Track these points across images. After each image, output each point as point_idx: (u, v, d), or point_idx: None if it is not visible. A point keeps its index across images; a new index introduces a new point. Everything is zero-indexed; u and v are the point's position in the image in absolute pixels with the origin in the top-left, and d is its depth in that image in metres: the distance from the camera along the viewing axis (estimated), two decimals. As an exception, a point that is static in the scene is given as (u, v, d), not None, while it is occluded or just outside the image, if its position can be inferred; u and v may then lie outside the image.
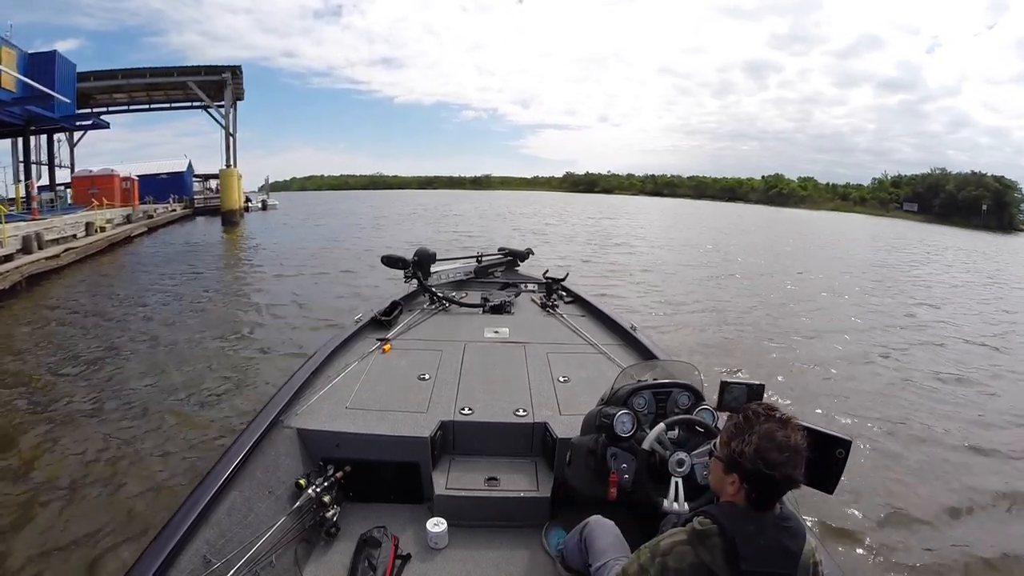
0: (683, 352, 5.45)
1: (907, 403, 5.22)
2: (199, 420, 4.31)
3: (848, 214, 67.72)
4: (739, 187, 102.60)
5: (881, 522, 3.25)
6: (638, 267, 13.60)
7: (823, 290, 11.49)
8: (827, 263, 17.00)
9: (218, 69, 26.90)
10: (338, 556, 1.92)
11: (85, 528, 2.92)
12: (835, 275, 13.91)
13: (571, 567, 1.81)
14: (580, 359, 3.06)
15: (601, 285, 9.73)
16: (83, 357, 5.94)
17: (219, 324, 7.49)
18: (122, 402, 4.66)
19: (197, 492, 1.72)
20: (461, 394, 2.55)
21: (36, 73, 16.30)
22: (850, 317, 8.96)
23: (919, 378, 6.02)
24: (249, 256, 15.67)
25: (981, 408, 5.23)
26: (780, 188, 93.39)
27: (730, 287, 11.39)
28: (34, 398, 4.78)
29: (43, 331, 7.13)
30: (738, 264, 15.20)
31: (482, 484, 2.15)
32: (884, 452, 4.13)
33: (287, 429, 2.21)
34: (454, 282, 4.83)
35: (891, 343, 7.48)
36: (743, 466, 1.14)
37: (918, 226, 50.35)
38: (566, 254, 14.98)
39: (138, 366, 5.64)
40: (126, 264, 13.66)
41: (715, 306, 9.31)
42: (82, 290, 10.05)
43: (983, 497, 3.60)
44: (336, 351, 3.02)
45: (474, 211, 38.78)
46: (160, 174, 33.58)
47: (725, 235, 25.57)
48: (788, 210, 70.68)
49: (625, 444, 1.74)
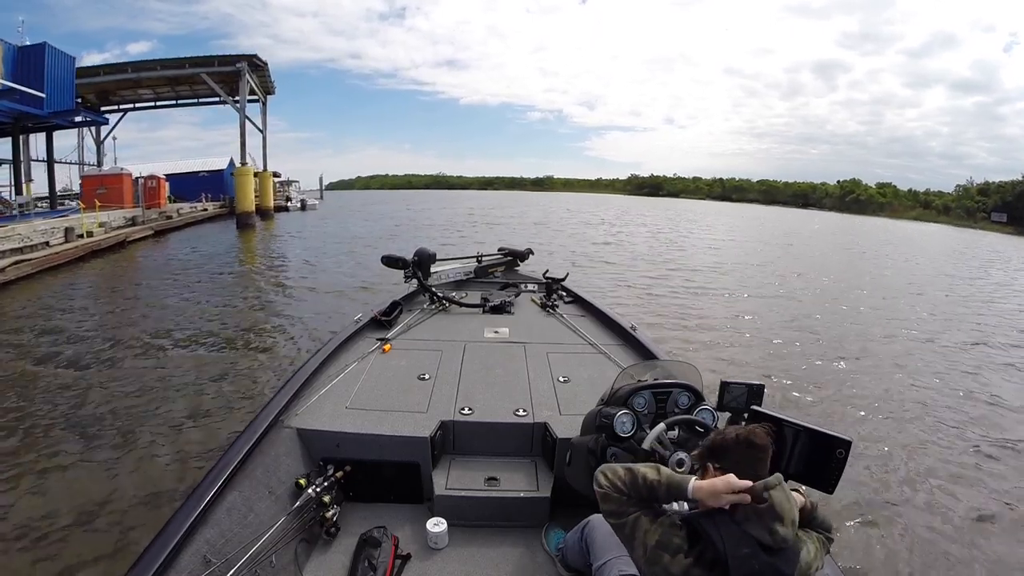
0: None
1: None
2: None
3: (931, 224, 61.56)
4: (812, 192, 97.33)
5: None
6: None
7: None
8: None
9: (232, 59, 24.46)
10: (338, 556, 1.92)
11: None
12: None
13: (571, 567, 1.81)
14: (580, 359, 3.06)
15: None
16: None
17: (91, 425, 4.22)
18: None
19: (197, 492, 1.72)
20: (461, 394, 2.55)
21: (24, 68, 15.45)
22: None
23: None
24: (226, 275, 11.63)
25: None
26: (857, 194, 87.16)
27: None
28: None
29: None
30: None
31: (482, 484, 2.15)
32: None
33: (287, 429, 2.21)
34: (454, 282, 4.83)
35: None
36: (728, 449, 1.18)
37: (1011, 240, 42.06)
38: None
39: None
40: (74, 283, 10.43)
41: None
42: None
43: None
44: (336, 351, 3.02)
45: (525, 215, 34.73)
46: (199, 172, 32.04)
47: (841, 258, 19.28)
48: (868, 219, 64.16)
49: (625, 444, 1.74)
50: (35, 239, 12.18)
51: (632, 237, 22.46)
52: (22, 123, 17.57)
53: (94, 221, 15.53)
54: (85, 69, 22.17)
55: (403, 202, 55.02)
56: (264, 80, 27.65)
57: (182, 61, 24.36)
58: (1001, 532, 3.26)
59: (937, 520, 3.34)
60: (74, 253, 12.57)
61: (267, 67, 26.50)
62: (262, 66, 25.92)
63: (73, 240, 13.34)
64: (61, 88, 17.17)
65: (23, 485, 3.34)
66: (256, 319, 7.83)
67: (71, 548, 2.80)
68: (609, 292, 9.84)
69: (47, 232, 12.83)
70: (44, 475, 3.46)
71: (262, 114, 29.11)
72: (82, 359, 5.76)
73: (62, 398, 4.70)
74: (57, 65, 16.91)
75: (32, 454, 3.73)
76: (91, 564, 2.69)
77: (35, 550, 2.79)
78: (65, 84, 17.50)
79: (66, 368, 5.50)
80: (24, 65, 15.63)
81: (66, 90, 17.60)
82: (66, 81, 17.59)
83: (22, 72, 15.44)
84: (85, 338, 6.58)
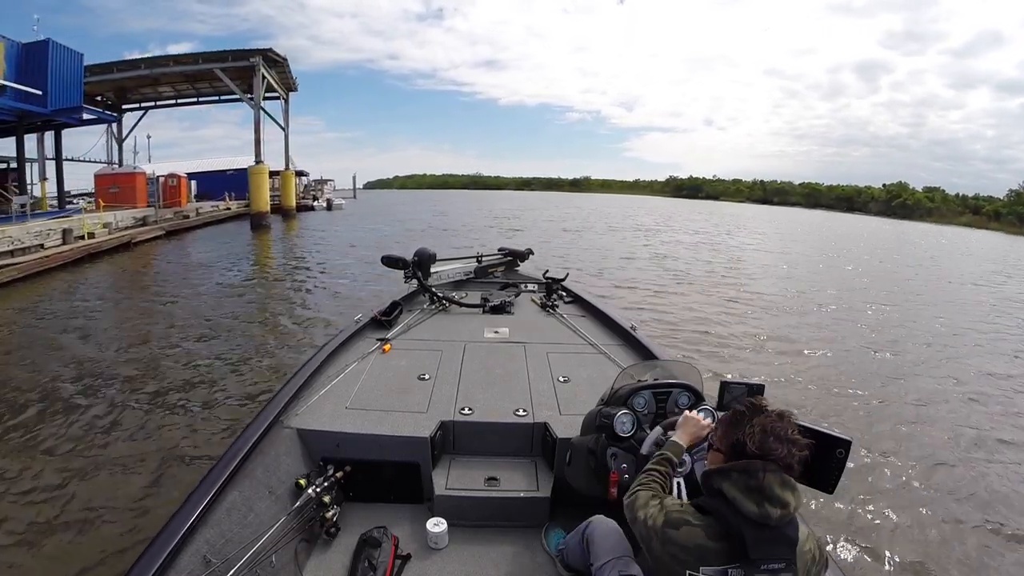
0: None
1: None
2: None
3: (981, 231, 58.02)
4: (857, 196, 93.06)
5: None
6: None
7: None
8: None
9: (246, 54, 23.33)
10: (338, 556, 1.92)
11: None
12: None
13: (571, 567, 1.81)
14: (580, 359, 3.06)
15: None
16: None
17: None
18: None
19: (197, 492, 1.72)
20: (461, 394, 2.55)
21: (28, 66, 15.10)
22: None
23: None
24: (225, 283, 10.70)
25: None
26: (904, 198, 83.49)
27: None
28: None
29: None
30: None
31: (482, 484, 2.15)
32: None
33: (287, 429, 2.21)
34: (454, 282, 4.83)
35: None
36: (745, 457, 1.19)
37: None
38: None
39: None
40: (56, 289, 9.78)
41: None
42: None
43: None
44: (336, 351, 3.02)
45: (558, 218, 32.26)
46: (226, 171, 31.13)
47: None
48: (916, 225, 60.66)
49: (625, 444, 1.74)
50: (27, 241, 11.61)
51: (687, 251, 18.41)
52: (26, 121, 17.12)
53: (97, 221, 15.03)
54: (98, 66, 21.87)
55: (432, 203, 52.51)
56: (284, 77, 26.69)
57: (195, 56, 23.60)
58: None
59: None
60: (69, 256, 11.94)
61: (286, 63, 25.50)
62: (280, 61, 24.90)
63: (71, 242, 12.82)
64: (67, 85, 16.70)
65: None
66: (222, 345, 6.49)
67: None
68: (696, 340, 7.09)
69: (42, 234, 12.24)
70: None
71: (283, 111, 28.49)
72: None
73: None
74: (61, 62, 16.46)
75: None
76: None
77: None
78: (70, 81, 17.00)
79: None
80: (28, 62, 15.31)
81: (72, 87, 17.10)
82: (72, 78, 17.10)
83: (26, 69, 15.13)
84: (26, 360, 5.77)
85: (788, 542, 1.16)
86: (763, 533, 1.14)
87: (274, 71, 25.12)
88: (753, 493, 1.14)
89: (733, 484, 1.17)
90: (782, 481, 1.15)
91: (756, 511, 1.13)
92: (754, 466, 1.16)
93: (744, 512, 1.14)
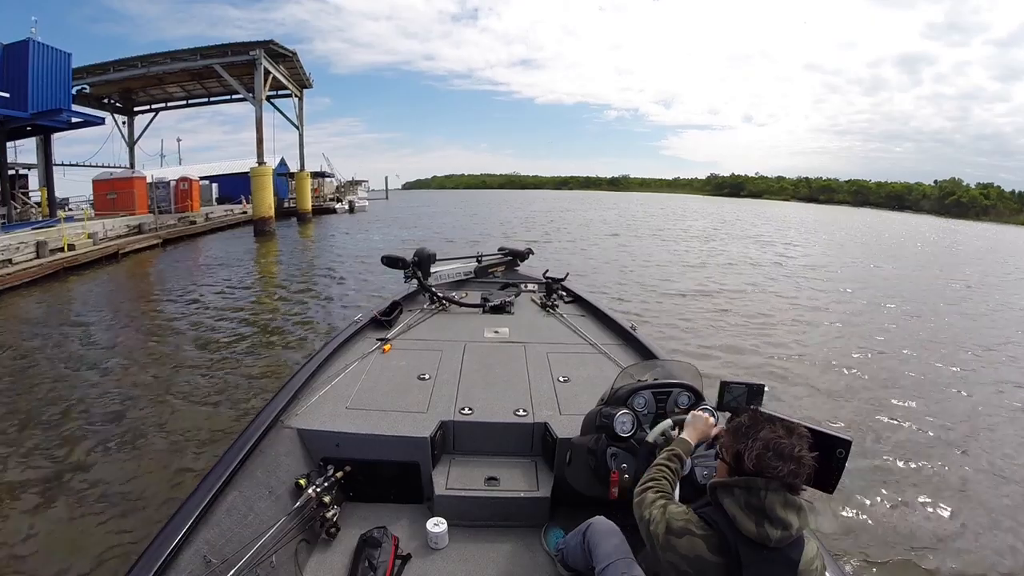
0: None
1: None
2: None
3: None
4: (907, 193, 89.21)
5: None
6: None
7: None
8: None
9: (246, 47, 21.41)
10: (338, 556, 1.92)
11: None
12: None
13: (571, 567, 1.81)
14: (580, 359, 3.06)
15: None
16: None
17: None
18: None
19: (197, 492, 1.72)
20: (461, 394, 2.55)
21: (8, 67, 14.45)
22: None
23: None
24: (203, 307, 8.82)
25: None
26: (958, 196, 78.48)
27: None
28: None
29: None
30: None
31: (482, 484, 2.15)
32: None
33: (287, 429, 2.21)
34: (454, 282, 4.83)
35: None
36: (744, 471, 1.15)
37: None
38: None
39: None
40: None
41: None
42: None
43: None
44: (336, 351, 3.02)
45: (595, 224, 27.72)
46: (247, 173, 31.31)
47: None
48: (974, 224, 56.62)
49: (625, 444, 1.74)
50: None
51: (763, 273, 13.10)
52: (7, 126, 16.13)
53: (81, 232, 13.53)
54: (95, 67, 21.45)
55: (462, 203, 49.67)
56: (296, 72, 25.17)
57: (194, 52, 21.90)
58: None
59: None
60: (38, 272, 10.70)
61: (296, 57, 23.94)
62: (288, 55, 23.21)
63: (45, 255, 11.50)
64: (50, 87, 15.85)
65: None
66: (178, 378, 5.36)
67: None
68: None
69: (10, 248, 10.85)
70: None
71: (298, 109, 27.50)
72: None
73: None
74: (44, 63, 15.60)
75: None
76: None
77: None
78: (55, 83, 16.11)
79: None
80: (8, 64, 14.68)
81: (57, 89, 16.17)
82: (56, 79, 16.19)
83: (6, 71, 14.53)
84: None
85: (787, 564, 1.11)
86: (760, 554, 1.10)
87: (282, 66, 23.75)
88: (753, 512, 1.10)
89: (735, 501, 1.13)
90: (785, 501, 1.10)
91: (754, 531, 1.09)
92: (756, 484, 1.11)
93: (742, 531, 1.10)
